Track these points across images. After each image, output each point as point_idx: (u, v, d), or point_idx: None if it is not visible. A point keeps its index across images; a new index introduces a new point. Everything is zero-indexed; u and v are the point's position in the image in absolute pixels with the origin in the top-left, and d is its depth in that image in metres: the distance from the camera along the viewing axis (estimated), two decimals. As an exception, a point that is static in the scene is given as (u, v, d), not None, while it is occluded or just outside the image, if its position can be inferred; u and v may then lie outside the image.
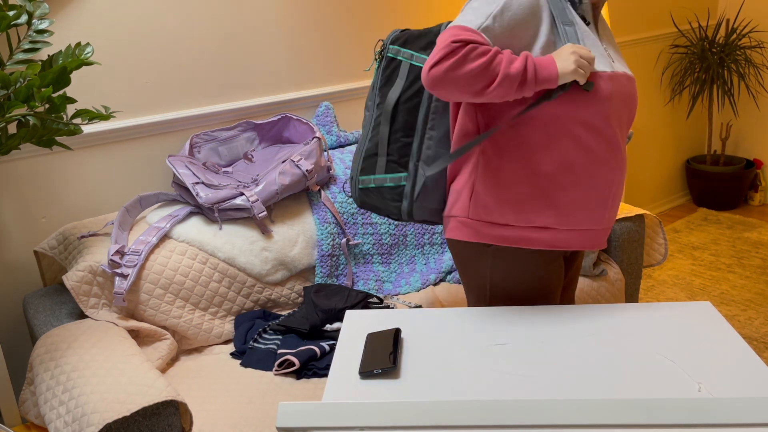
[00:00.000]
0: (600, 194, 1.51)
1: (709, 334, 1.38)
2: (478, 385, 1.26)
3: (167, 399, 1.52)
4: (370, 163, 1.65)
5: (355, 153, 1.71)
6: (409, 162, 1.63)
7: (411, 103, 1.61)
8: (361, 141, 1.67)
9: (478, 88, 1.37)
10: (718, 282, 3.28)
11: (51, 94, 1.58)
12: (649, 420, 1.06)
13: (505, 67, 1.36)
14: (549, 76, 1.38)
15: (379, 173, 1.64)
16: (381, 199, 1.66)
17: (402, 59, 1.61)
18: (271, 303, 2.19)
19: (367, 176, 1.65)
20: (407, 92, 1.61)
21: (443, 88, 1.38)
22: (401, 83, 1.60)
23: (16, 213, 2.14)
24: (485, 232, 1.53)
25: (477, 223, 1.54)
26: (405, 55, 1.61)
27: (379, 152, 1.64)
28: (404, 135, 1.62)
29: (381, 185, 1.65)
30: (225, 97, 2.45)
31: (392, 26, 2.81)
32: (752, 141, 4.25)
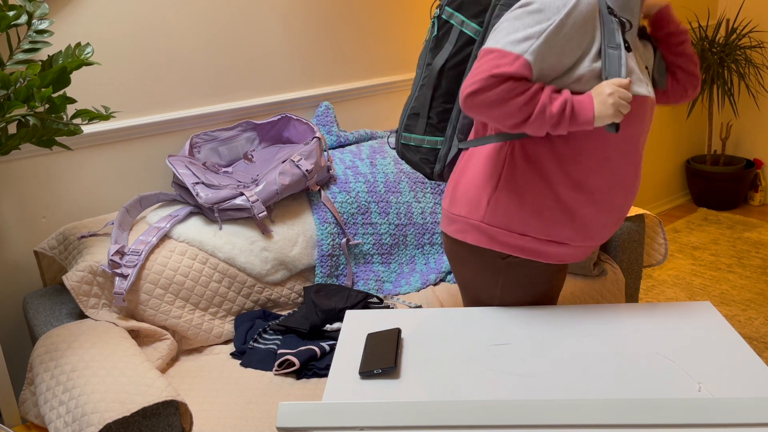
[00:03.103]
0: (615, 216, 1.51)
1: (709, 334, 1.38)
2: (478, 385, 1.26)
3: (167, 399, 1.52)
4: (413, 122, 1.68)
5: (404, 107, 1.75)
6: (447, 127, 1.66)
7: (456, 70, 1.61)
8: (410, 97, 1.70)
9: (511, 123, 1.36)
10: (718, 282, 3.28)
11: (51, 94, 1.58)
12: (649, 420, 1.06)
13: (541, 108, 1.33)
14: (586, 120, 1.35)
15: (419, 133, 1.68)
16: (418, 157, 1.71)
17: (453, 23, 1.60)
18: (271, 303, 2.19)
19: (409, 134, 1.69)
20: (454, 59, 1.61)
21: (478, 116, 1.38)
22: (449, 48, 1.60)
23: (16, 213, 2.14)
24: (500, 240, 1.50)
25: (492, 229, 1.50)
26: (457, 20, 1.59)
27: (420, 113, 1.67)
28: (446, 101, 1.64)
29: (420, 145, 1.69)
30: (225, 97, 2.45)
31: (392, 26, 2.81)
32: (752, 141, 4.25)
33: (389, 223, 2.39)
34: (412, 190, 2.46)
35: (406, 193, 2.44)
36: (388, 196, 2.40)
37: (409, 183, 2.46)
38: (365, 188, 2.38)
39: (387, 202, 2.39)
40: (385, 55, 2.83)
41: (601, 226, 1.50)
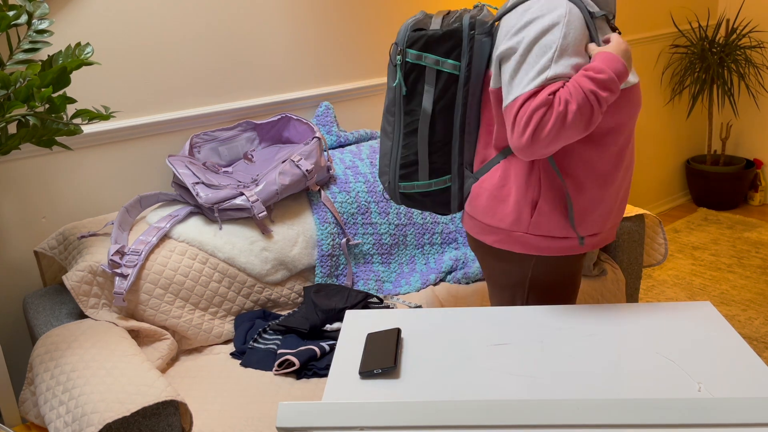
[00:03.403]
0: (624, 195, 1.62)
1: (709, 334, 1.38)
2: (478, 385, 1.26)
3: (167, 399, 1.52)
4: (409, 170, 1.64)
5: (383, 157, 1.68)
6: (452, 164, 1.63)
7: (447, 111, 1.58)
8: (392, 147, 1.64)
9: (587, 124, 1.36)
10: (718, 282, 3.28)
11: (51, 94, 1.58)
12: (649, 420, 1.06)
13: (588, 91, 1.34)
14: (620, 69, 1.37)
15: (422, 180, 1.64)
16: (427, 201, 1.68)
17: (426, 65, 1.54)
18: (271, 303, 2.19)
19: (410, 182, 1.65)
20: (441, 101, 1.56)
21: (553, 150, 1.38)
22: (432, 91, 1.55)
23: (16, 213, 2.14)
24: (544, 246, 1.55)
25: (537, 238, 1.54)
26: (429, 60, 1.53)
27: (419, 161, 1.62)
28: (445, 143, 1.61)
29: (426, 190, 1.65)
30: (225, 97, 2.45)
31: (393, 26, 2.81)
32: (752, 141, 4.25)
33: (389, 223, 2.39)
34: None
35: (406, 193, 2.45)
36: (388, 196, 2.41)
37: (409, 183, 2.46)
38: (365, 188, 2.38)
39: (387, 202, 2.40)
40: (385, 55, 2.83)
41: (620, 203, 1.61)
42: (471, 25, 1.51)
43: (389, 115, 1.64)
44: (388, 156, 1.66)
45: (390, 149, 1.65)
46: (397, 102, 1.59)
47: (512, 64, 1.40)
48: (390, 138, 1.65)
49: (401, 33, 1.54)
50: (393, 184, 1.67)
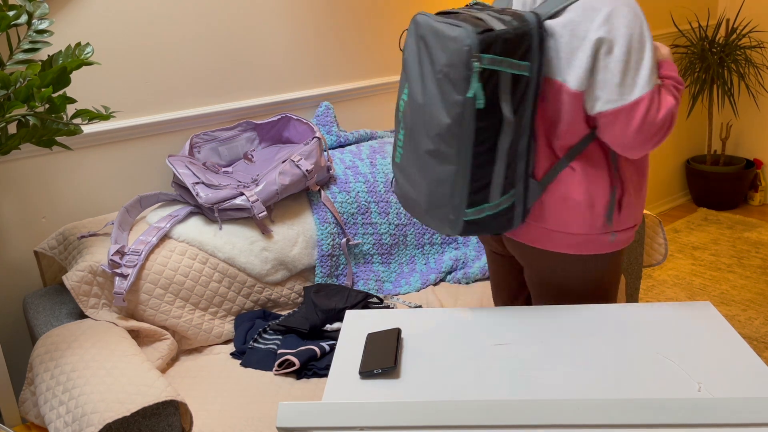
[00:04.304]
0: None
1: (709, 334, 1.38)
2: (478, 385, 1.26)
3: (167, 399, 1.52)
4: (481, 194, 1.45)
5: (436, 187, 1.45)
6: (518, 177, 1.48)
7: (521, 118, 1.43)
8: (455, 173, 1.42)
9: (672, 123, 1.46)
10: (718, 282, 3.28)
11: (51, 94, 1.58)
12: (649, 420, 1.06)
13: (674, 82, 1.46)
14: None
15: (494, 200, 1.46)
16: (494, 223, 1.50)
17: (503, 70, 1.35)
18: (271, 303, 2.19)
19: (479, 207, 1.46)
20: (519, 108, 1.41)
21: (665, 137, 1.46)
22: (509, 98, 1.38)
23: (16, 213, 2.14)
24: (617, 240, 1.56)
25: (618, 233, 1.56)
26: (506, 65, 1.35)
27: (494, 179, 1.44)
28: (519, 152, 1.46)
29: (497, 210, 1.48)
30: (225, 97, 2.45)
31: (393, 26, 2.81)
32: (752, 141, 4.25)
33: (389, 223, 2.39)
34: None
35: (406, 193, 2.44)
36: (388, 196, 2.40)
37: (409, 183, 2.46)
38: (365, 188, 2.38)
39: (387, 202, 2.40)
40: (385, 55, 2.83)
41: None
42: (539, 22, 1.38)
43: (450, 135, 1.39)
44: (449, 183, 1.43)
45: (452, 174, 1.42)
46: (466, 119, 1.37)
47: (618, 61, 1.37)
48: (452, 161, 1.41)
49: (466, 37, 1.32)
50: (457, 214, 1.45)
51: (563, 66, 1.42)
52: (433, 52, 1.38)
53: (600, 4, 1.38)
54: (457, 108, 1.37)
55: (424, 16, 1.44)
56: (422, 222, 1.56)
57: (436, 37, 1.38)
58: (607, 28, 1.37)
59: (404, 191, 1.58)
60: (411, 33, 1.47)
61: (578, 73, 1.40)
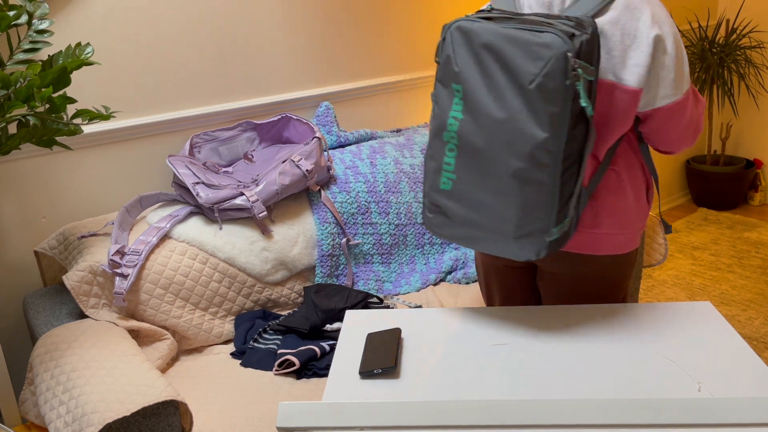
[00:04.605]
0: None
1: (709, 334, 1.38)
2: (478, 385, 1.26)
3: (167, 399, 1.52)
4: (565, 210, 1.36)
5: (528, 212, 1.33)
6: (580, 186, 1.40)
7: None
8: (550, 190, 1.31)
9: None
10: (718, 282, 3.28)
11: (51, 94, 1.58)
12: (649, 420, 1.06)
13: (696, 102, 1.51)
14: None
15: (570, 214, 1.37)
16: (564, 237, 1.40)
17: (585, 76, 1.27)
18: (271, 303, 2.19)
19: (562, 223, 1.36)
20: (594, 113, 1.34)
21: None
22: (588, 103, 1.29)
23: (16, 213, 2.14)
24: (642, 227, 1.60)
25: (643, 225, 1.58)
26: (589, 71, 1.28)
27: (575, 190, 1.36)
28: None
29: (571, 224, 1.40)
30: (225, 97, 2.45)
31: (393, 26, 2.81)
32: (752, 141, 4.25)
33: (389, 223, 2.39)
34: (412, 190, 2.46)
35: (406, 193, 2.44)
36: (388, 196, 2.40)
37: (409, 183, 2.46)
38: (365, 188, 2.38)
39: (387, 202, 2.40)
40: (385, 55, 2.83)
41: None
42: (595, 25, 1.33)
43: (545, 150, 1.28)
44: (543, 203, 1.32)
45: (548, 193, 1.31)
46: (562, 131, 1.27)
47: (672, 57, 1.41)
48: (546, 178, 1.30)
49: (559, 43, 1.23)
50: (549, 235, 1.34)
51: (616, 65, 1.39)
52: (514, 62, 1.26)
53: (639, 3, 1.40)
54: (554, 120, 1.26)
55: (475, 23, 1.31)
56: (491, 251, 1.41)
57: (515, 45, 1.26)
58: (658, 26, 1.39)
59: (462, 220, 1.41)
60: (460, 43, 1.33)
61: (638, 71, 1.38)
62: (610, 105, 1.41)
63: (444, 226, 1.44)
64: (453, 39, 1.33)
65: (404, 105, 2.94)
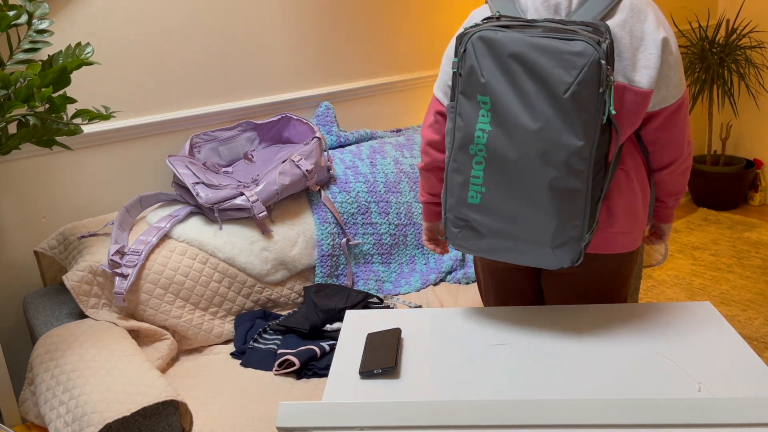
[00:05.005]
0: None
1: (709, 334, 1.38)
2: (478, 385, 1.26)
3: (167, 399, 1.52)
4: (594, 215, 1.37)
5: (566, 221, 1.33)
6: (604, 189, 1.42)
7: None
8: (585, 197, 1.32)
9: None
10: (718, 282, 3.28)
11: (51, 94, 1.58)
12: (649, 420, 1.06)
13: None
14: None
15: (596, 219, 1.39)
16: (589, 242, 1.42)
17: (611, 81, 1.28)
18: (271, 303, 2.19)
19: (592, 228, 1.38)
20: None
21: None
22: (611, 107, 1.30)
23: (16, 213, 2.14)
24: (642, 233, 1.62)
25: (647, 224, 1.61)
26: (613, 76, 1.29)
27: (601, 196, 1.39)
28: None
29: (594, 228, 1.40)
30: (225, 97, 2.45)
31: (393, 26, 2.81)
32: (752, 141, 4.24)
33: (389, 223, 2.39)
34: (412, 190, 2.46)
35: (406, 193, 2.44)
36: (388, 196, 2.40)
37: (409, 183, 2.46)
38: (365, 188, 2.38)
39: (387, 202, 2.40)
40: (385, 55, 2.83)
41: None
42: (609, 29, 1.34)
43: (580, 158, 1.28)
44: (580, 211, 1.33)
45: (581, 202, 1.32)
46: (596, 137, 1.29)
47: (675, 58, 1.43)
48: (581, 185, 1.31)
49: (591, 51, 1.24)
50: (581, 242, 1.35)
51: (626, 67, 1.39)
52: (546, 71, 1.26)
53: (641, 4, 1.41)
54: (588, 128, 1.27)
55: (499, 32, 1.30)
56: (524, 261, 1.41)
57: (546, 54, 1.26)
58: (663, 28, 1.41)
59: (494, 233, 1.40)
60: (484, 54, 1.31)
61: (648, 72, 1.39)
62: (620, 106, 1.41)
63: (471, 239, 1.43)
64: (476, 49, 1.32)
65: (404, 105, 2.94)
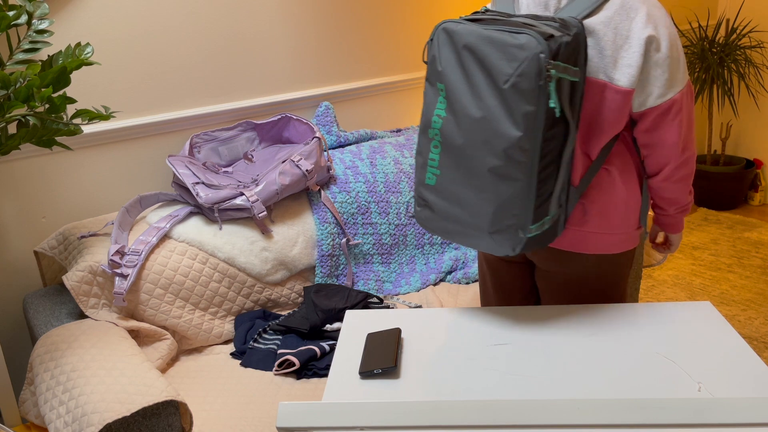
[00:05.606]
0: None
1: (709, 334, 1.38)
2: (478, 385, 1.26)
3: (167, 399, 1.52)
4: (544, 207, 1.39)
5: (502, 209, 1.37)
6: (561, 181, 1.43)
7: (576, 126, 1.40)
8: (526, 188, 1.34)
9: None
10: (718, 282, 3.28)
11: (51, 94, 1.58)
12: (649, 420, 1.06)
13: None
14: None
15: (552, 212, 1.41)
16: (546, 235, 1.44)
17: (566, 77, 1.31)
18: (271, 303, 2.19)
19: (542, 220, 1.40)
20: (575, 114, 1.38)
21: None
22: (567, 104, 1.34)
23: (16, 213, 2.14)
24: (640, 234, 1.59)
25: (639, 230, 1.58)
26: (570, 72, 1.31)
27: (556, 189, 1.40)
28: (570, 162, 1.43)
29: (552, 223, 1.43)
30: (225, 97, 2.45)
31: (393, 26, 2.81)
32: (752, 141, 4.24)
33: (389, 223, 2.39)
34: (412, 190, 2.46)
35: (406, 193, 2.44)
36: (388, 196, 2.40)
37: (409, 183, 2.46)
38: (365, 188, 2.38)
39: (387, 202, 2.40)
40: (385, 55, 2.83)
41: None
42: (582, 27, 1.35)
43: (519, 149, 1.31)
44: (519, 200, 1.35)
45: (523, 190, 1.35)
46: (537, 130, 1.31)
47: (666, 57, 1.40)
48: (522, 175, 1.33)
49: (534, 44, 1.26)
50: (525, 231, 1.38)
51: (608, 64, 1.40)
52: (491, 62, 1.30)
53: (636, 3, 1.40)
54: (528, 120, 1.29)
55: (459, 24, 1.35)
56: (470, 245, 1.47)
57: (493, 46, 1.29)
58: (652, 26, 1.39)
59: (444, 215, 1.46)
60: (444, 43, 1.37)
61: (629, 71, 1.39)
62: (601, 104, 1.43)
63: (430, 219, 1.49)
64: (439, 39, 1.38)
65: (404, 105, 2.94)
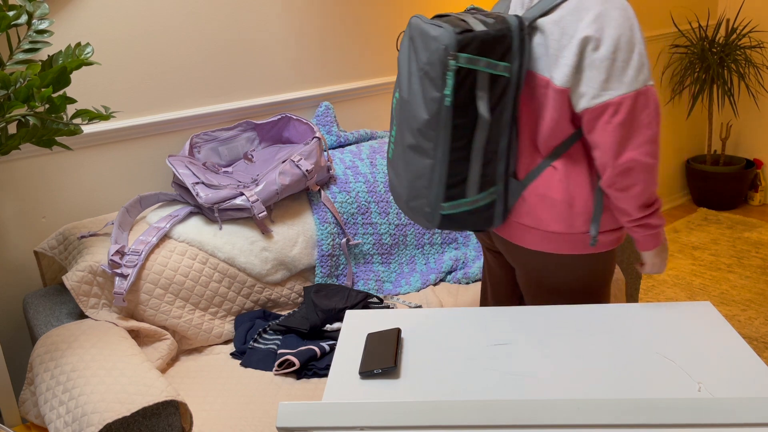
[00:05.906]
0: None
1: (709, 334, 1.38)
2: (478, 385, 1.26)
3: (167, 399, 1.52)
4: (457, 189, 1.50)
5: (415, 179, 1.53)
6: (498, 175, 1.53)
7: (500, 116, 1.48)
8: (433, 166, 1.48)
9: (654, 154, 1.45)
10: (718, 282, 3.28)
11: (51, 94, 1.58)
12: (649, 420, 1.06)
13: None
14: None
15: (471, 195, 1.52)
16: (471, 219, 1.56)
17: (480, 69, 1.40)
18: (271, 303, 2.19)
19: (455, 201, 1.51)
20: (497, 107, 1.46)
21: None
22: (485, 97, 1.43)
23: (16, 213, 2.14)
24: (602, 241, 1.56)
25: (603, 234, 1.55)
26: (483, 64, 1.40)
27: (470, 175, 1.50)
28: (496, 151, 1.51)
29: (475, 206, 1.54)
30: (225, 97, 2.45)
31: (392, 26, 2.81)
32: (752, 141, 4.25)
33: (389, 223, 2.39)
34: (412, 190, 2.46)
35: (406, 193, 2.44)
36: (388, 196, 2.40)
37: (409, 183, 2.46)
38: (365, 188, 2.38)
39: (387, 202, 2.40)
40: (385, 55, 2.83)
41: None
42: (520, 24, 1.43)
43: (428, 130, 1.46)
44: (426, 177, 1.50)
45: (430, 168, 1.49)
46: (441, 114, 1.43)
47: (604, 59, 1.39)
48: (430, 156, 1.48)
49: (445, 36, 1.38)
50: (434, 207, 1.52)
51: (551, 62, 1.45)
52: (418, 51, 1.45)
53: (591, 4, 1.40)
54: (434, 104, 1.43)
55: (416, 18, 1.51)
56: (405, 214, 1.64)
57: (422, 37, 1.45)
58: (595, 26, 1.39)
59: (393, 185, 1.66)
60: (405, 34, 1.54)
61: (564, 69, 1.42)
62: (546, 101, 1.49)
63: (391, 189, 1.70)
64: (405, 30, 1.56)
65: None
